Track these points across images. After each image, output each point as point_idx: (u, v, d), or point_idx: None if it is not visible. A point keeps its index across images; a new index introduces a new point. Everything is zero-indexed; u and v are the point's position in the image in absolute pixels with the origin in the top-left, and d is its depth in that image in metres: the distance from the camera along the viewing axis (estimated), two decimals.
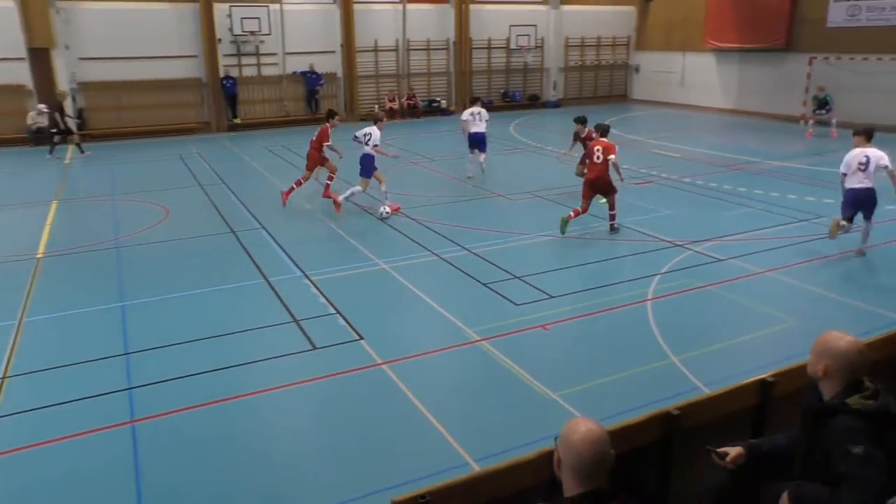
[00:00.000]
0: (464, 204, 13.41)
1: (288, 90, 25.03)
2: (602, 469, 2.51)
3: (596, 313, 7.96)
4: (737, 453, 3.33)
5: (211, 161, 18.43)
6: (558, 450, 2.59)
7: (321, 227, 11.92)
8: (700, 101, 27.95)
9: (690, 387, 6.21)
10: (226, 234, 11.53)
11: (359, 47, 25.62)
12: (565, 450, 2.54)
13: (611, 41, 30.94)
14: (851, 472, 2.85)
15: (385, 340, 7.35)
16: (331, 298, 8.51)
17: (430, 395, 6.23)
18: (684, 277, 9.03)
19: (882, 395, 3.04)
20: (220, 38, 23.28)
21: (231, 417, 5.99)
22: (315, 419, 6.10)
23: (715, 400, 3.79)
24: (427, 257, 10.10)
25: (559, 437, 2.60)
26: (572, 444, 2.51)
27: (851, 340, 3.11)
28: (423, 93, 27.51)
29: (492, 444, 5.39)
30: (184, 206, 13.64)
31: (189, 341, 7.43)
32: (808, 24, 23.42)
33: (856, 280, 8.92)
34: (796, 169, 15.94)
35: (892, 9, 20.88)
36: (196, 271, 9.75)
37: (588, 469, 2.49)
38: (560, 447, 2.58)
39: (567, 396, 6.11)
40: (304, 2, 24.69)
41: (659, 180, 14.99)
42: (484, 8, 27.74)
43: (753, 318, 7.84)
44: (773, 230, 11.05)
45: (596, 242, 10.70)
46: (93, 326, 7.91)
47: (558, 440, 2.60)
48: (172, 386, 6.48)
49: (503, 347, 7.10)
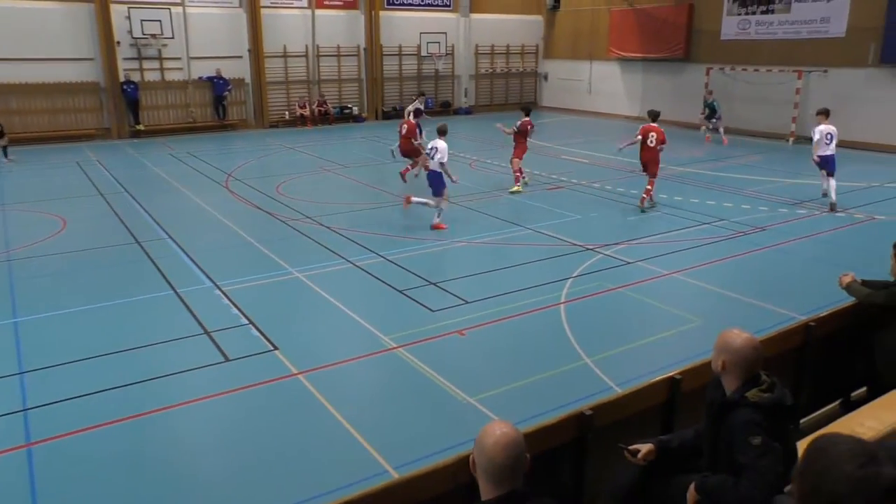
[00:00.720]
0: (378, 211, 13.37)
1: (194, 96, 24.28)
2: (517, 472, 2.50)
3: (511, 317, 8.08)
4: (647, 450, 3.45)
5: (112, 169, 17.64)
6: (473, 454, 2.59)
7: (232, 236, 11.61)
8: (607, 109, 28.91)
9: (604, 387, 6.39)
10: (130, 245, 11.05)
11: (267, 53, 25.12)
12: (479, 454, 2.53)
13: (520, 49, 31.58)
14: (751, 463, 3.02)
15: (300, 350, 7.22)
16: (243, 309, 8.30)
17: (348, 405, 6.17)
18: (595, 280, 9.29)
19: (778, 387, 3.22)
20: (118, 40, 22.33)
21: (140, 435, 5.74)
22: (229, 433, 5.92)
23: (626, 399, 3.92)
24: (342, 265, 10.00)
25: (475, 442, 2.60)
26: (486, 448, 2.50)
27: (747, 337, 3.29)
28: (335, 99, 27.26)
29: (411, 450, 5.38)
30: (83, 216, 12.99)
31: (92, 357, 7.06)
32: (704, 35, 24.66)
33: (756, 280, 9.40)
34: (698, 174, 16.71)
35: (779, 23, 22.25)
36: (98, 284, 9.31)
37: (502, 472, 2.48)
38: (475, 451, 2.57)
39: (484, 400, 6.17)
40: (209, 5, 24.01)
41: (569, 186, 15.38)
42: (394, 15, 27.78)
43: (662, 319, 8.15)
44: (677, 233, 11.54)
45: (510, 248, 10.87)
46: None
47: (474, 444, 2.60)
48: (73, 405, 6.14)
49: (420, 354, 7.11)
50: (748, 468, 3.01)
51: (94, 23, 21.96)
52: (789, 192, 14.50)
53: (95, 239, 11.41)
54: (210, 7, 24.03)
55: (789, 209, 13.08)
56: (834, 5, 20.73)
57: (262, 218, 12.73)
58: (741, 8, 23.34)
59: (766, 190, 14.84)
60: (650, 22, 26.24)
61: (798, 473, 1.91)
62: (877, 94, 20.12)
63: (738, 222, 12.12)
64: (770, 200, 13.79)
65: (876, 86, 20.17)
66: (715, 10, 24.12)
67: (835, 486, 1.79)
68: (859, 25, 20.15)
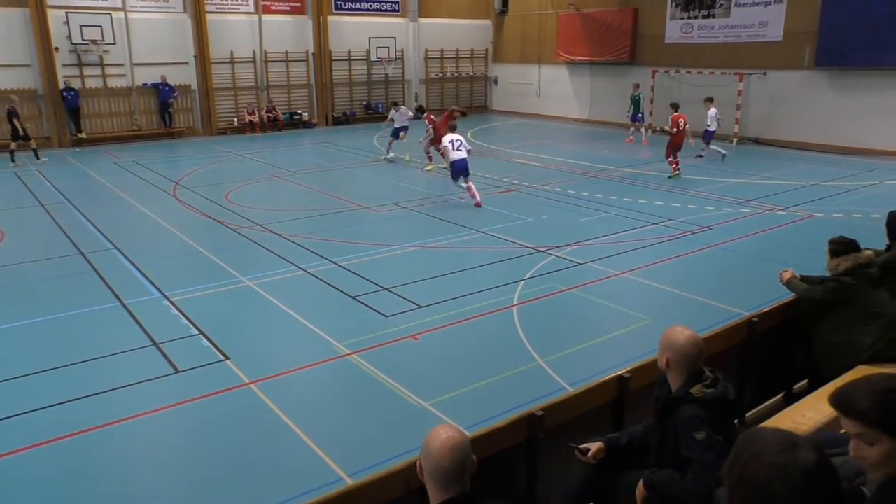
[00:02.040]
0: (329, 217, 13.27)
1: (138, 103, 23.75)
2: (464, 475, 2.51)
3: (464, 321, 8.11)
4: (597, 448, 3.52)
5: (53, 178, 17.12)
6: (420, 459, 2.60)
7: (180, 245, 11.38)
8: (556, 112, 29.28)
9: (557, 387, 6.45)
10: (73, 257, 10.75)
11: (214, 59, 24.74)
12: (426, 458, 2.54)
13: (469, 53, 31.77)
14: (696, 457, 3.11)
15: (252, 359, 7.12)
16: (193, 319, 8.14)
17: (301, 413, 6.11)
18: (547, 282, 9.39)
19: (720, 383, 3.32)
20: (57, 46, 21.71)
21: (84, 452, 5.57)
22: (180, 446, 5.80)
23: (576, 398, 3.97)
24: (293, 272, 9.90)
25: (421, 447, 2.60)
26: (432, 452, 2.51)
27: (689, 335, 3.38)
28: (284, 105, 26.98)
29: (365, 457, 5.35)
30: (22, 227, 12.59)
31: (35, 373, 6.84)
32: (649, 39, 25.20)
33: (703, 278, 9.62)
34: (645, 175, 17.04)
35: (720, 27, 22.88)
36: (40, 297, 9.02)
37: (449, 475, 2.49)
38: (422, 456, 2.58)
39: (438, 405, 6.18)
40: (152, 10, 23.53)
41: (520, 188, 15.52)
42: (342, 20, 27.65)
43: (613, 318, 8.28)
44: (627, 234, 11.74)
45: (462, 251, 10.92)
46: None
47: (421, 449, 2.60)
48: (14, 423, 5.93)
49: (373, 359, 7.08)
50: (693, 462, 3.10)
51: (31, 28, 21.30)
52: (734, 192, 14.90)
53: (36, 251, 11.06)
54: (153, 12, 23.54)
55: (734, 208, 13.44)
56: (771, 10, 21.41)
57: (212, 226, 12.52)
58: (684, 12, 23.92)
59: (711, 190, 15.22)
60: (596, 26, 26.69)
61: (727, 465, 1.97)
62: (812, 96, 20.86)
63: (685, 222, 12.40)
64: (716, 200, 14.15)
65: (811, 88, 20.91)
66: (659, 15, 24.67)
67: (757, 473, 1.85)
68: (795, 30, 20.86)
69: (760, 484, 1.83)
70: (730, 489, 1.94)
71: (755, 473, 1.85)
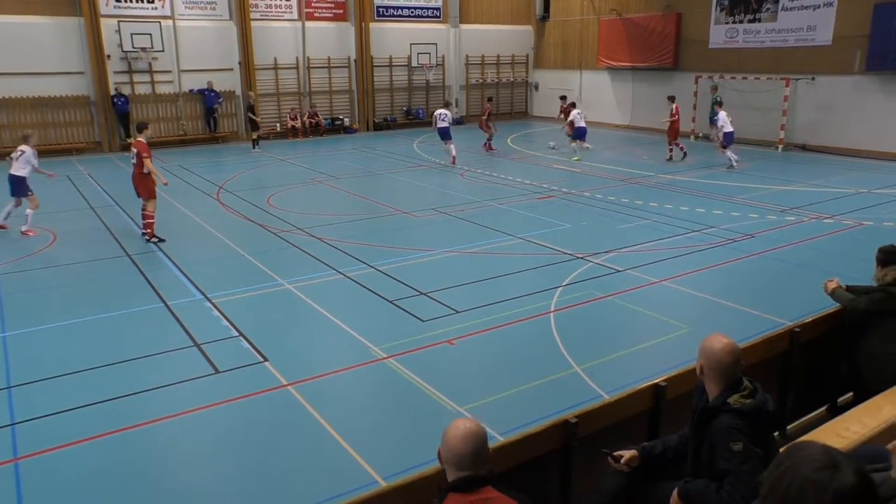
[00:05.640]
0: (368, 221, 13.38)
1: (185, 108, 24.31)
2: (478, 461, 2.74)
3: (501, 326, 8.10)
4: (630, 455, 3.48)
5: (103, 182, 17.62)
6: (440, 447, 2.83)
7: (223, 248, 11.60)
8: (597, 118, 28.99)
9: (593, 395, 6.41)
10: (121, 258, 11.04)
11: (258, 65, 25.19)
12: (444, 445, 2.80)
13: (510, 59, 31.73)
14: (732, 468, 3.05)
15: (290, 361, 7.22)
16: (233, 321, 8.29)
17: (338, 415, 6.17)
18: (585, 289, 9.32)
19: (759, 393, 3.25)
20: (109, 54, 22.37)
21: (130, 448, 5.72)
22: (220, 444, 5.91)
23: (611, 406, 3.93)
24: (332, 276, 10.01)
25: (442, 436, 2.84)
26: (449, 440, 2.77)
27: (726, 343, 3.32)
28: (326, 111, 27.32)
29: (400, 460, 5.38)
30: (73, 229, 12.96)
31: (82, 370, 7.05)
32: (693, 44, 24.85)
33: (744, 286, 9.43)
34: (687, 182, 16.79)
35: (766, 32, 22.44)
36: (89, 297, 9.28)
37: (463, 461, 2.73)
38: (441, 444, 2.82)
39: (474, 409, 6.18)
40: (200, 18, 24.09)
41: (559, 195, 15.44)
42: (384, 26, 27.90)
43: (651, 326, 8.18)
44: (667, 241, 11.59)
45: (501, 257, 10.90)
46: None
47: (441, 438, 2.84)
48: (63, 419, 6.12)
49: (410, 364, 7.11)
50: (730, 474, 3.04)
51: (85, 36, 22.00)
52: (779, 199, 14.60)
53: (86, 252, 11.39)
54: (200, 20, 24.10)
55: (778, 216, 13.17)
56: (820, 14, 20.92)
57: (253, 230, 12.74)
58: (728, 17, 23.53)
59: (755, 197, 14.93)
60: (639, 31, 26.44)
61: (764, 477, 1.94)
62: (863, 101, 20.30)
63: (727, 229, 12.19)
64: (759, 207, 13.88)
65: (862, 93, 20.34)
66: (703, 19, 24.32)
67: (790, 485, 1.81)
68: (845, 34, 20.34)
69: (791, 497, 1.79)
70: (761, 498, 1.91)
71: (788, 485, 1.81)
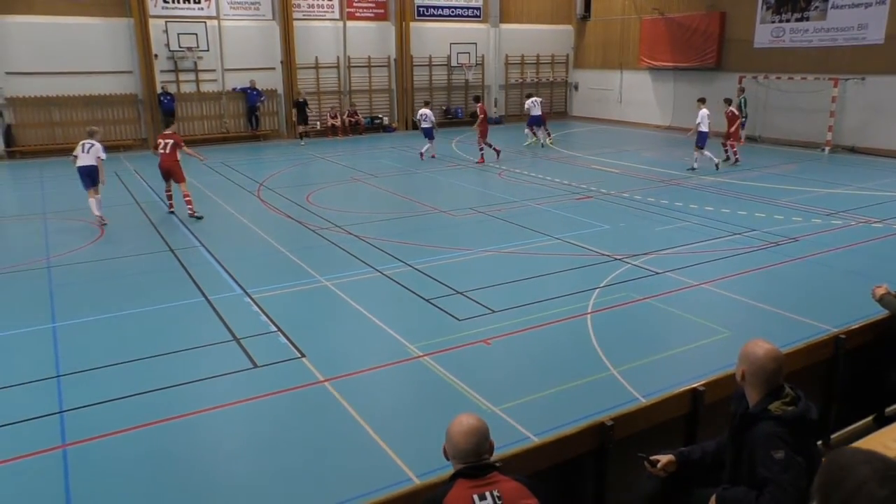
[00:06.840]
0: (406, 220, 13.44)
1: (228, 107, 24.72)
2: (480, 454, 2.86)
3: (537, 327, 8.06)
4: (667, 460, 3.43)
5: (148, 178, 18.00)
6: (444, 444, 2.96)
7: (262, 245, 11.77)
8: (637, 118, 28.73)
9: (629, 398, 6.34)
10: (164, 253, 11.28)
11: (299, 64, 25.49)
12: (447, 441, 2.93)
13: (550, 59, 31.54)
14: (773, 477, 2.98)
15: (327, 357, 7.29)
16: (272, 316, 8.41)
17: (373, 412, 6.21)
18: (623, 291, 9.23)
19: (802, 400, 3.17)
20: (156, 53, 22.88)
21: (171, 438, 5.85)
22: (257, 438, 6.00)
23: (648, 410, 3.89)
24: (369, 273, 10.08)
25: (445, 432, 2.95)
26: (452, 436, 2.91)
27: (769, 348, 3.24)
28: (366, 110, 27.51)
29: (435, 459, 5.33)
30: (120, 224, 13.28)
31: (127, 361, 7.23)
32: (737, 44, 24.39)
33: (787, 291, 9.23)
34: (729, 184, 16.50)
35: (814, 31, 21.92)
36: (133, 290, 9.50)
37: (466, 454, 2.86)
38: (445, 440, 2.94)
39: (508, 410, 6.17)
40: (244, 18, 24.48)
41: (598, 195, 15.31)
42: (424, 26, 27.97)
43: (690, 330, 8.06)
44: (707, 243, 11.40)
45: (538, 257, 10.85)
46: (23, 349, 7.64)
47: (445, 434, 2.95)
48: (107, 408, 6.29)
49: (445, 363, 7.13)
50: (770, 482, 2.97)
51: (133, 36, 22.54)
52: (824, 202, 14.26)
53: (131, 247, 11.67)
54: (244, 20, 24.48)
55: (823, 219, 12.86)
56: (872, 12, 20.36)
57: (293, 227, 12.90)
58: (775, 15, 23.05)
59: (799, 200, 14.60)
60: (681, 31, 26.05)
61: (820, 491, 1.89)
62: None
63: (769, 233, 11.94)
64: (804, 210, 13.57)
65: None
66: (748, 18, 23.85)
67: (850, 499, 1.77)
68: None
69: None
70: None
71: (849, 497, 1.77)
